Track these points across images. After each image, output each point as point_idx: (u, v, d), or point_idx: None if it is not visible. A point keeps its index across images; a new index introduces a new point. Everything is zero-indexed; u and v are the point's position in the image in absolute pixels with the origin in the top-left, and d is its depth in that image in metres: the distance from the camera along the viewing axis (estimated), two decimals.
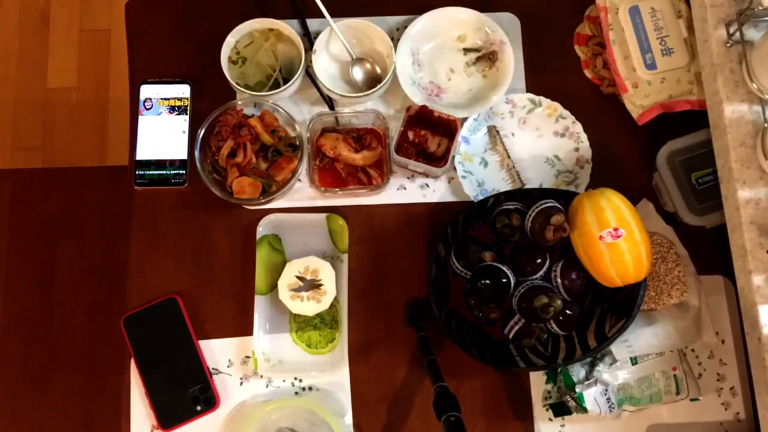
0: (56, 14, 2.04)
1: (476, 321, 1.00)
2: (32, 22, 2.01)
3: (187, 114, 1.07)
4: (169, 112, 1.06)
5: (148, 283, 1.02)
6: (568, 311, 0.92)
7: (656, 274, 0.98)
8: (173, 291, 1.02)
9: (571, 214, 0.92)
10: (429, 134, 1.04)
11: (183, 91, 1.07)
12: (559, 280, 0.92)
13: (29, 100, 2.00)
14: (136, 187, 1.04)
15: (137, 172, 1.04)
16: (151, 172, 1.04)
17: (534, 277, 0.94)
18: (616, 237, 0.87)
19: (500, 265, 0.94)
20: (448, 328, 0.93)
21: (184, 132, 1.06)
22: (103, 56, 2.01)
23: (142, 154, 1.05)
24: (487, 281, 0.93)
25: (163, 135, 1.06)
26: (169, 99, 1.07)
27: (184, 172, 1.05)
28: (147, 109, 1.07)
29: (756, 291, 0.86)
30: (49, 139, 1.96)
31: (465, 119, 1.05)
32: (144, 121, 1.06)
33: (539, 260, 0.94)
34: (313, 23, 1.10)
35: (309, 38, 1.10)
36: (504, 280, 0.92)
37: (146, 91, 1.07)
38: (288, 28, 1.04)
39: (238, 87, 1.03)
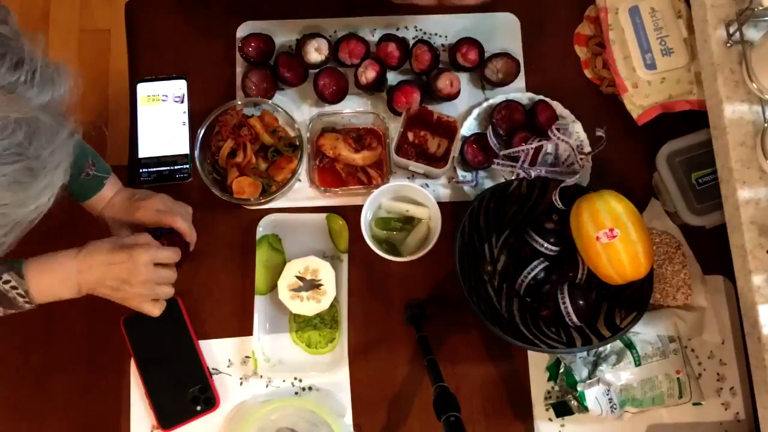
0: (56, 14, 2.03)
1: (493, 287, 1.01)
2: (32, 22, 2.01)
3: (183, 103, 1.07)
4: (166, 100, 1.07)
5: None
6: (580, 301, 0.94)
7: (662, 276, 0.98)
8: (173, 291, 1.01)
9: (571, 217, 0.94)
10: (429, 135, 1.04)
11: (180, 86, 1.07)
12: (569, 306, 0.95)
13: None
14: (141, 185, 1.04)
15: (141, 170, 1.05)
16: (154, 169, 1.05)
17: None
18: (611, 237, 0.88)
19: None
20: (471, 299, 0.92)
21: (184, 123, 1.06)
22: (103, 56, 2.01)
23: (144, 152, 1.05)
24: None
25: (163, 128, 1.06)
26: (167, 96, 1.07)
27: (188, 166, 1.05)
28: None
29: (756, 291, 0.86)
30: None
31: (465, 119, 1.05)
32: (143, 113, 1.07)
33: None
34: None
35: None
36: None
37: (143, 89, 1.07)
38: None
39: None
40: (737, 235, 0.89)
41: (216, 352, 1.00)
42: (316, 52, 1.05)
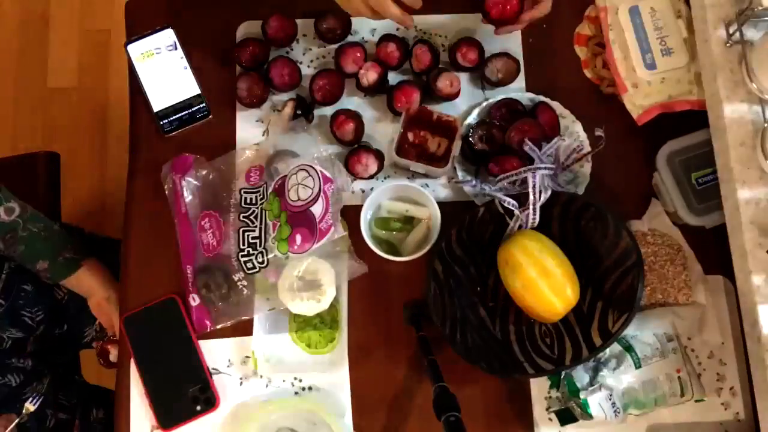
0: (56, 14, 2.04)
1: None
2: (32, 22, 2.01)
3: (177, 49, 1.09)
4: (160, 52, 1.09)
5: (148, 283, 1.02)
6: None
7: (664, 278, 0.98)
8: (173, 291, 1.02)
9: (498, 267, 0.95)
10: (429, 135, 1.04)
11: (168, 35, 1.09)
12: None
13: (29, 100, 2.00)
14: (167, 135, 1.06)
15: (161, 122, 1.06)
16: (174, 117, 1.06)
17: None
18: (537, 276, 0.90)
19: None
20: (453, 339, 0.93)
21: (185, 68, 1.08)
22: (103, 56, 2.01)
23: (158, 105, 1.07)
24: None
25: (167, 78, 1.08)
26: (160, 48, 1.09)
27: (204, 105, 1.07)
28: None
29: (756, 291, 0.86)
30: (49, 139, 1.96)
31: (464, 119, 1.05)
32: (143, 70, 1.08)
33: None
34: None
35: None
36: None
37: (134, 49, 1.09)
38: None
39: None
40: (737, 235, 0.89)
41: (216, 352, 1.00)
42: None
